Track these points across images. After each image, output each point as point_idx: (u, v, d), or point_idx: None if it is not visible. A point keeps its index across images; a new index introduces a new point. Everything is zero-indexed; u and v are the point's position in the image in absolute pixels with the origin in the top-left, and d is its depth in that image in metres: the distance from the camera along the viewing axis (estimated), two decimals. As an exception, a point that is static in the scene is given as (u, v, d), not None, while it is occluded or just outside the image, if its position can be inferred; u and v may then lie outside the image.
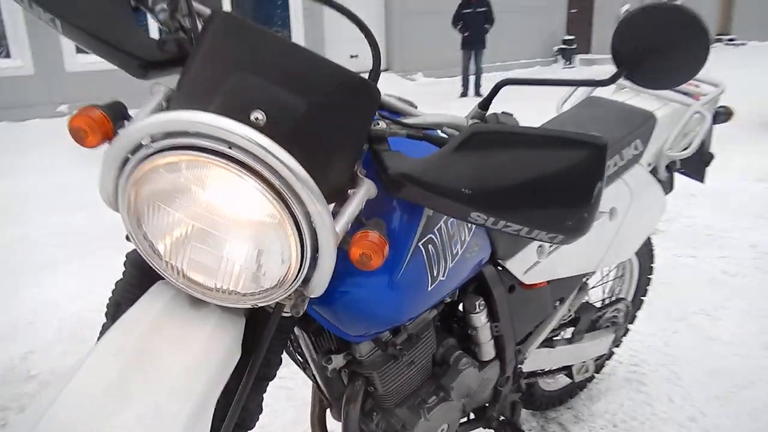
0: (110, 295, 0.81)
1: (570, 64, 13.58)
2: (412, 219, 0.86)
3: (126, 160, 0.64)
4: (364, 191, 0.71)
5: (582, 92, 1.58)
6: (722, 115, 1.47)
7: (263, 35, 0.68)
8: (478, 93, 9.31)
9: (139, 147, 0.63)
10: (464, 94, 9.32)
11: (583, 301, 1.50)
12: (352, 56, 11.05)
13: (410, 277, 0.86)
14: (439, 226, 0.90)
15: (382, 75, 0.71)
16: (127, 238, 0.74)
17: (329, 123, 0.67)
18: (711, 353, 2.06)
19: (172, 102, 0.70)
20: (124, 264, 0.80)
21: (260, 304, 0.70)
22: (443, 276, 0.93)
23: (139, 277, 0.78)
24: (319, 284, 0.68)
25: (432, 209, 0.85)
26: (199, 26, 0.74)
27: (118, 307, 0.79)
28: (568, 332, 1.53)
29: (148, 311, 0.70)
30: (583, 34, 14.44)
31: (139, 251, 0.73)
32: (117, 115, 0.68)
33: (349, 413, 1.03)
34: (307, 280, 0.68)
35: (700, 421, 1.72)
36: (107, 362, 0.63)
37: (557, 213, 0.69)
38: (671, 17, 0.72)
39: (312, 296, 0.71)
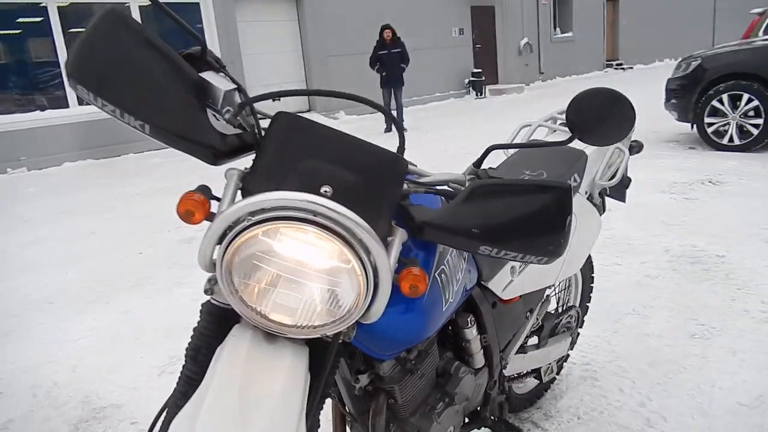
0: (189, 340, 0.94)
1: (481, 95, 14.43)
2: (429, 254, 1.06)
3: (224, 234, 0.80)
4: (400, 237, 0.91)
5: (523, 134, 1.85)
6: (635, 147, 1.79)
7: (318, 128, 0.88)
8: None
9: (237, 222, 0.79)
10: (388, 129, 9.70)
11: (546, 310, 1.74)
12: (274, 99, 11.23)
13: (431, 301, 1.05)
14: (447, 258, 1.11)
15: (306, 115, 0.92)
16: (206, 292, 0.89)
17: (375, 189, 0.87)
18: (647, 347, 2.37)
19: (247, 182, 0.87)
20: (200, 313, 0.94)
21: (329, 334, 0.87)
22: (452, 298, 1.13)
23: (215, 323, 0.92)
24: (377, 312, 0.86)
25: (449, 246, 1.06)
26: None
27: (198, 350, 0.92)
28: (534, 339, 1.77)
29: (239, 349, 0.85)
30: (490, 67, 15.44)
31: (216, 302, 0.89)
32: (208, 196, 0.85)
33: (375, 426, 1.19)
34: (366, 310, 0.86)
35: (648, 405, 2.00)
36: (227, 392, 0.77)
37: (542, 241, 0.93)
38: (606, 96, 0.97)
39: (368, 322, 0.88)
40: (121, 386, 2.39)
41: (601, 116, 0.96)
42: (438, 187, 1.00)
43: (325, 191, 0.82)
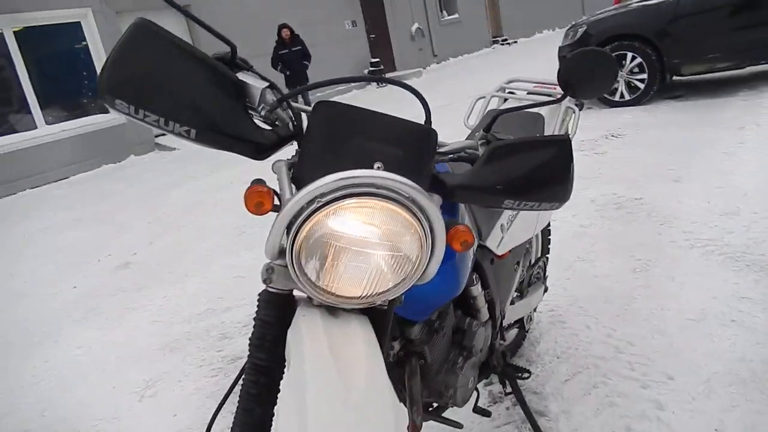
0: (252, 330, 0.98)
1: (382, 85, 14.65)
2: (454, 215, 1.16)
3: (291, 222, 0.85)
4: (437, 201, 0.99)
5: (479, 106, 1.99)
6: (579, 104, 1.98)
7: (356, 110, 0.94)
8: (312, 125, 9.70)
9: (304, 208, 0.84)
10: (299, 128, 9.65)
11: (527, 262, 1.90)
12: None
13: (462, 259, 1.15)
14: (465, 218, 1.21)
15: None
16: (265, 281, 0.94)
17: (415, 160, 0.95)
18: (599, 286, 2.61)
19: (298, 170, 0.92)
20: (258, 303, 0.98)
21: (390, 298, 0.94)
22: (472, 256, 1.24)
23: (274, 310, 0.96)
24: (432, 272, 0.94)
25: (478, 204, 1.16)
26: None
27: (263, 338, 0.96)
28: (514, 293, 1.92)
29: (315, 327, 0.90)
30: (387, 55, 15.70)
31: (274, 290, 0.93)
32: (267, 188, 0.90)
33: (413, 388, 1.28)
34: (423, 272, 0.94)
35: (614, 335, 2.22)
36: (325, 367, 0.82)
37: (554, 189, 1.05)
38: (593, 55, 1.11)
39: (423, 283, 0.96)
40: (102, 419, 2.31)
41: (591, 73, 1.09)
42: (457, 154, 1.10)
43: (378, 167, 0.89)
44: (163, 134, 10.27)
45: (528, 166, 1.03)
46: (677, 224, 3.13)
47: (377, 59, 14.77)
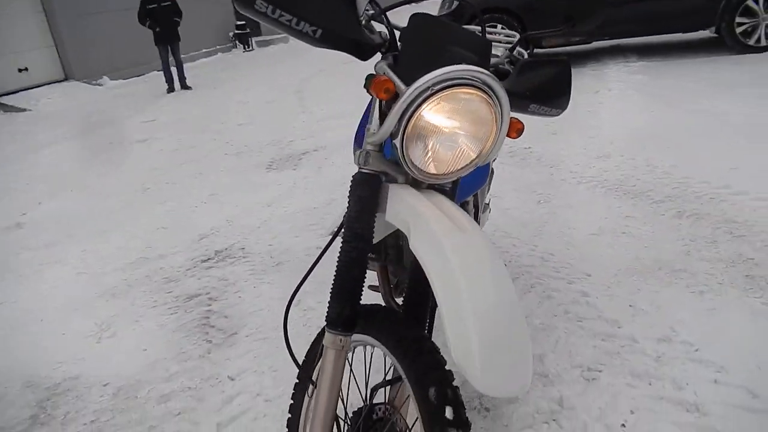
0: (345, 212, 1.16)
1: (249, 47, 14.28)
2: None
3: (405, 109, 1.04)
4: None
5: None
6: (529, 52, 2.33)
7: (445, 23, 1.15)
8: (185, 86, 9.28)
9: (416, 98, 1.04)
10: (171, 89, 9.18)
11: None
12: (20, 70, 9.71)
13: None
14: None
15: (61, 86, 1.18)
16: (362, 164, 1.13)
17: (484, 65, 1.19)
18: (513, 216, 3.06)
19: (399, 71, 1.11)
20: (352, 184, 1.15)
21: (463, 175, 1.19)
22: None
23: (368, 189, 1.14)
24: (495, 154, 1.20)
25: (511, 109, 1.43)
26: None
27: (360, 211, 1.14)
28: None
29: (414, 193, 1.11)
30: (251, 19, 15.22)
31: (367, 171, 1.11)
32: None
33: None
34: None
35: (537, 249, 2.66)
36: (438, 216, 1.03)
37: (561, 98, 1.36)
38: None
39: (485, 163, 1.22)
40: (63, 361, 2.26)
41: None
42: (494, 68, 1.36)
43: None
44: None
45: (546, 78, 1.32)
46: (563, 167, 3.70)
47: (242, 22, 14.32)
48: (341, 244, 1.17)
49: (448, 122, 1.10)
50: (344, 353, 1.17)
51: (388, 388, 1.28)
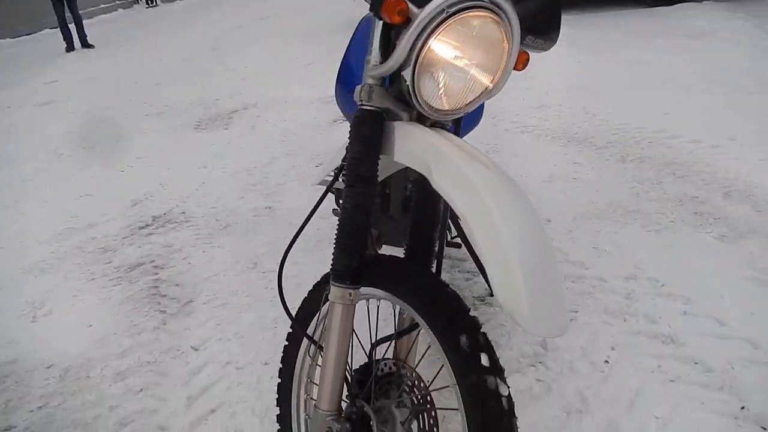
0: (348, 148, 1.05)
1: (153, 3, 13.29)
2: None
3: (419, 35, 0.94)
4: None
5: None
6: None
7: None
8: (86, 44, 8.50)
9: (431, 21, 0.94)
10: (71, 48, 8.39)
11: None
12: None
13: None
14: None
15: None
16: (365, 100, 1.02)
17: None
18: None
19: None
20: (353, 123, 1.04)
21: (469, 111, 1.11)
22: None
23: (370, 126, 1.04)
24: (500, 88, 1.13)
25: None
26: None
27: (364, 152, 1.04)
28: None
29: (424, 129, 1.02)
30: (154, -28, 14.14)
31: (369, 108, 1.01)
32: None
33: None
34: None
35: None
36: (467, 156, 0.95)
37: (554, 30, 1.30)
38: None
39: (491, 98, 1.14)
40: None
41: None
42: None
43: None
44: None
45: (539, 9, 1.26)
46: (506, 117, 3.71)
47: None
48: (345, 190, 1.06)
49: (460, 51, 1.01)
50: (353, 307, 1.08)
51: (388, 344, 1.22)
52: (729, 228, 2.24)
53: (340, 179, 1.31)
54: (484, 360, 0.93)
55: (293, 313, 1.25)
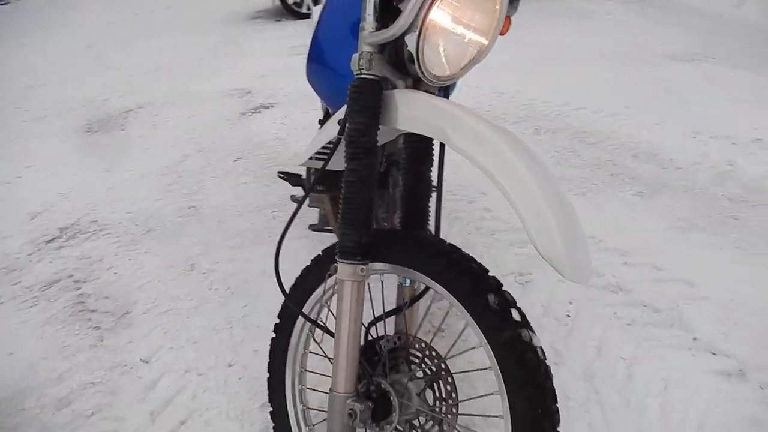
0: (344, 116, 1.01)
1: (3, 1, 11.94)
2: None
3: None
4: None
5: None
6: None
7: None
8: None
9: None
10: None
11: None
12: None
13: None
14: None
15: None
16: (364, 67, 0.99)
17: None
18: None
19: None
20: (350, 93, 1.00)
21: (464, 75, 1.10)
22: None
23: (367, 94, 1.01)
24: (492, 46, 1.13)
25: None
26: None
27: (365, 122, 1.00)
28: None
29: (449, 106, 0.98)
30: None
31: (366, 76, 0.98)
32: None
33: (396, 194, 1.46)
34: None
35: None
36: (481, 121, 0.94)
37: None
38: None
39: (480, 63, 1.14)
40: None
41: None
42: None
43: None
44: None
45: None
46: (463, 102, 3.76)
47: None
48: (348, 163, 1.01)
49: (460, 14, 1.01)
50: (364, 284, 1.05)
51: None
52: (644, 185, 2.44)
53: (311, 158, 1.26)
54: (515, 315, 0.94)
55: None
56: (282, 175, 2.04)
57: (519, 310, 0.95)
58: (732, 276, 1.84)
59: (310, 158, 1.25)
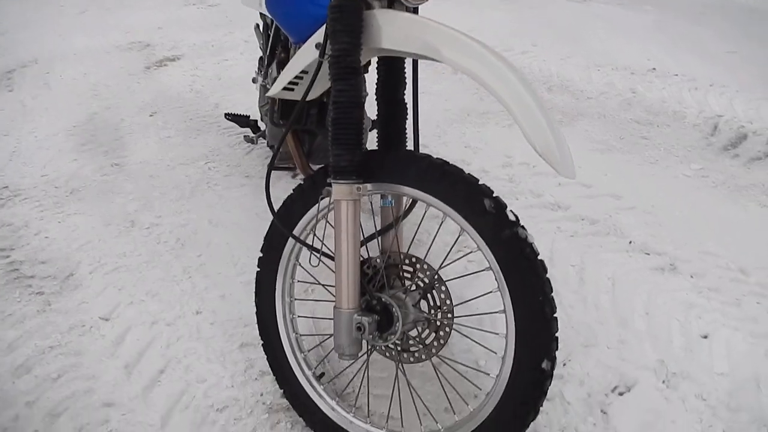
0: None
1: None
2: None
3: None
4: None
5: None
6: None
7: None
8: None
9: None
10: None
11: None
12: None
13: None
14: None
15: None
16: None
17: None
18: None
19: None
20: (333, 20, 1.00)
21: None
22: None
23: (350, 17, 1.02)
24: None
25: None
26: None
27: (350, 42, 1.01)
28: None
29: (438, 23, 1.01)
30: None
31: None
32: None
33: None
34: None
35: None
36: (475, 42, 0.98)
37: None
38: None
39: None
40: None
41: None
42: None
43: None
44: None
45: None
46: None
47: None
48: (335, 84, 1.03)
49: None
50: (359, 203, 1.08)
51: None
52: (562, 114, 2.63)
53: (259, 80, 1.25)
54: (510, 216, 1.02)
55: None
56: (229, 117, 1.99)
57: (512, 211, 1.03)
58: (650, 187, 2.07)
59: (283, 89, 1.24)
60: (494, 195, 1.04)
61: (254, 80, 2.25)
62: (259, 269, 1.29)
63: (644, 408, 1.29)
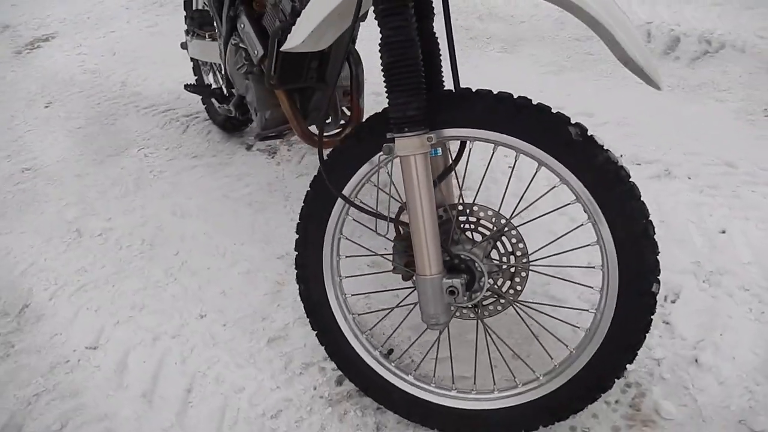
0: None
1: None
2: None
3: None
4: None
5: None
6: None
7: None
8: None
9: None
10: None
11: None
12: None
13: None
14: None
15: None
16: None
17: None
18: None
19: None
20: None
21: None
22: None
23: None
24: None
25: None
26: None
27: None
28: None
29: None
30: None
31: None
32: None
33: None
34: None
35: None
36: None
37: None
38: None
39: None
40: None
41: None
42: None
43: None
44: None
45: None
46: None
47: None
48: (384, 22, 0.88)
49: None
50: (428, 156, 0.95)
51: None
52: (503, 42, 2.59)
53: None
54: (599, 140, 0.95)
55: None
56: (189, 89, 1.73)
57: (596, 135, 0.96)
58: (614, 99, 2.10)
59: (303, 41, 1.05)
60: (575, 122, 0.96)
61: (183, 46, 1.97)
62: (297, 252, 1.13)
63: (698, 310, 1.32)
